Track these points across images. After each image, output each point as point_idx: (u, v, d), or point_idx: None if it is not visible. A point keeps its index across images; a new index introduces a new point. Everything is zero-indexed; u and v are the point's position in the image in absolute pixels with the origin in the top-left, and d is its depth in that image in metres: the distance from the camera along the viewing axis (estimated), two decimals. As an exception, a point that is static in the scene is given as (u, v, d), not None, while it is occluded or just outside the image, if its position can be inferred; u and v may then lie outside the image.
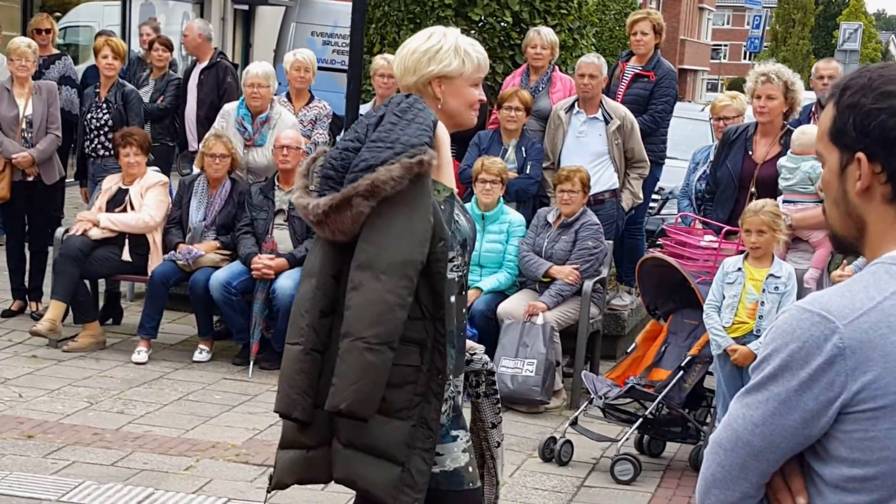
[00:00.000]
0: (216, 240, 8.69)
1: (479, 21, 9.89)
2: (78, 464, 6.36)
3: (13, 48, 9.40)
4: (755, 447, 2.16)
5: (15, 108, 9.33)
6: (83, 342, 8.59)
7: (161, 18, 16.92)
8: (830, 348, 2.07)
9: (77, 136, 9.83)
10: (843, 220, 2.24)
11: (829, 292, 2.14)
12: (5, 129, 9.30)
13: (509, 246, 8.40)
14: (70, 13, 18.50)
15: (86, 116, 9.62)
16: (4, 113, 9.31)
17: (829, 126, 2.22)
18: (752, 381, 2.17)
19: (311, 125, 9.40)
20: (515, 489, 6.50)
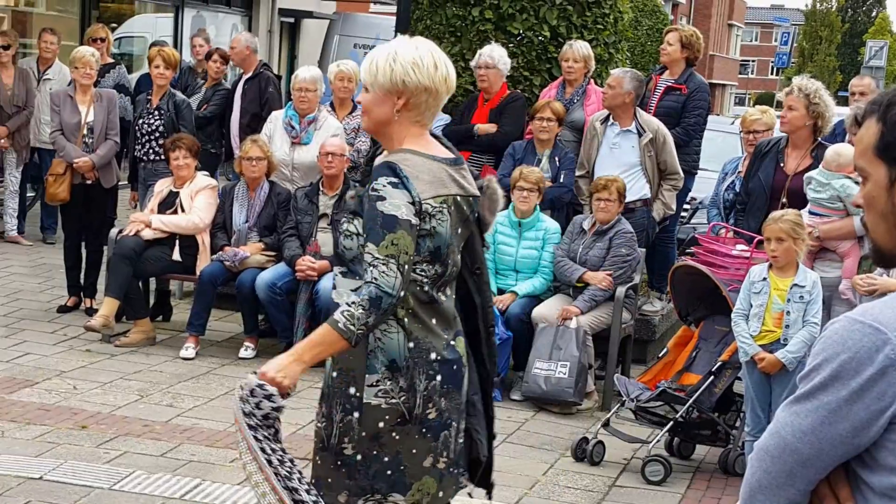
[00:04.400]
0: (260, 241, 8.72)
1: (518, 35, 9.88)
2: (129, 454, 6.38)
3: (77, 57, 9.47)
4: (803, 455, 2.13)
5: (77, 114, 9.41)
6: (134, 338, 8.63)
7: (211, 30, 16.97)
8: (882, 359, 2.04)
9: (129, 141, 9.88)
10: (891, 234, 2.20)
11: (880, 304, 2.11)
12: (68, 134, 9.39)
13: (545, 252, 8.38)
14: (125, 24, 18.59)
15: (137, 122, 9.69)
16: (67, 119, 9.39)
17: (874, 141, 2.18)
18: (801, 390, 2.14)
19: (353, 133, 9.43)
20: (548, 487, 6.47)
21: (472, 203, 3.70)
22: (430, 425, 3.60)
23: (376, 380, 3.54)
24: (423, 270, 3.55)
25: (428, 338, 3.58)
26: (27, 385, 7.50)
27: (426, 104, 3.60)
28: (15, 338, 8.61)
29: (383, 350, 3.54)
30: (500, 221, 8.42)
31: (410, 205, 3.43)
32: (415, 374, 3.55)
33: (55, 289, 10.11)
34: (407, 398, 3.55)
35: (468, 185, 3.67)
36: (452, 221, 3.58)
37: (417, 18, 10.02)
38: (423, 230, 3.49)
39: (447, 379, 3.62)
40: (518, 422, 7.63)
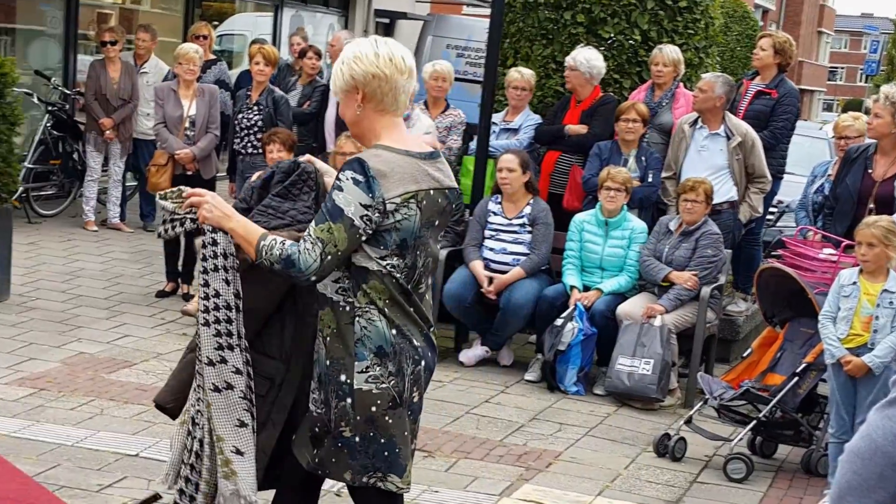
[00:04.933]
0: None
1: (609, 39, 9.83)
2: (221, 436, 6.43)
3: (182, 53, 9.61)
4: (894, 458, 2.09)
5: (180, 108, 9.55)
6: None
7: (308, 29, 17.11)
8: None
9: (228, 134, 10.00)
10: None
11: None
12: (170, 127, 9.53)
13: (630, 251, 8.33)
14: (226, 22, 18.80)
15: (237, 117, 9.79)
16: (171, 112, 9.54)
17: None
18: (893, 394, 2.10)
19: (445, 132, 9.48)
20: (630, 481, 6.43)
21: (450, 195, 3.77)
22: (413, 408, 3.74)
23: (366, 366, 3.62)
24: (395, 265, 3.63)
25: (408, 326, 3.67)
26: (126, 366, 7.61)
27: (381, 90, 3.67)
28: (115, 320, 8.75)
29: (370, 338, 3.62)
30: (586, 220, 8.41)
31: (361, 206, 3.52)
32: (402, 359, 3.65)
33: (154, 274, 10.28)
34: (396, 382, 3.64)
35: (443, 178, 3.75)
36: (423, 215, 3.64)
37: (510, 21, 10.02)
38: (387, 225, 3.57)
39: (429, 365, 3.75)
40: (600, 416, 7.60)
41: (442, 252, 8.46)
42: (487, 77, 9.08)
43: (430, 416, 7.19)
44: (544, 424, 7.30)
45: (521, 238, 8.46)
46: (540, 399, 7.85)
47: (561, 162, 9.28)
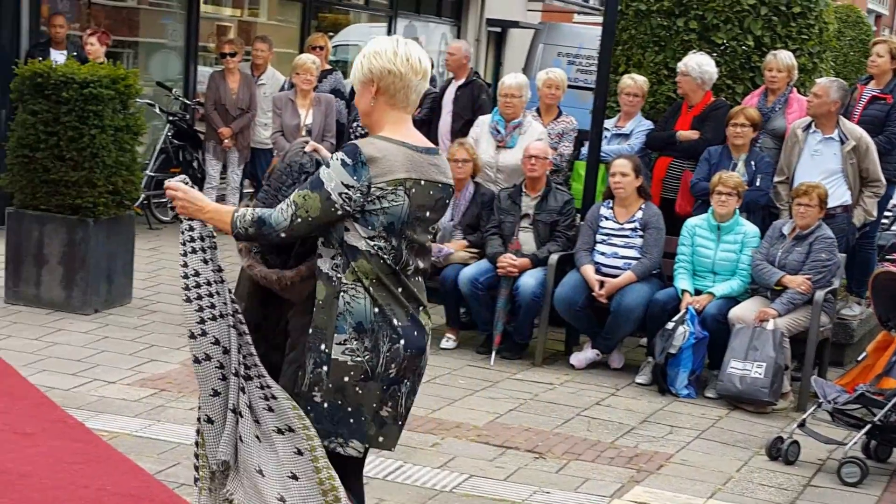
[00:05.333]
0: (464, 239, 8.81)
1: (722, 45, 9.74)
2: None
3: (300, 63, 9.75)
4: None
5: (297, 117, 9.69)
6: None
7: (422, 39, 17.21)
8: None
9: (343, 142, 10.09)
10: None
11: None
12: (287, 135, 9.67)
13: (743, 255, 8.23)
14: (341, 33, 18.99)
15: (352, 125, 9.91)
16: (288, 121, 9.67)
17: None
18: None
19: (557, 138, 9.47)
20: (742, 484, 6.34)
21: (443, 189, 3.96)
22: (388, 381, 3.89)
23: (344, 339, 3.83)
24: (381, 247, 3.83)
25: (392, 305, 3.86)
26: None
27: (395, 86, 3.88)
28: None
29: (351, 313, 3.82)
30: (698, 224, 8.34)
31: (345, 186, 3.75)
32: (379, 337, 3.84)
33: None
34: (371, 357, 3.84)
35: (437, 173, 3.94)
36: (411, 202, 3.84)
37: (622, 28, 9.98)
38: (375, 208, 3.80)
39: (409, 344, 3.89)
40: (712, 419, 7.51)
41: (553, 256, 8.46)
42: (599, 83, 9.07)
43: (540, 417, 7.19)
44: (655, 427, 7.24)
45: (632, 242, 8.40)
46: (651, 402, 7.79)
47: (673, 167, 9.22)
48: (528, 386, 7.93)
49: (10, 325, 8.22)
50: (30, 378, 7.04)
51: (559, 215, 8.65)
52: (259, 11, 17.68)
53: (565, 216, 8.66)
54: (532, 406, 7.46)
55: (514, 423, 7.04)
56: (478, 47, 21.54)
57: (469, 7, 21.81)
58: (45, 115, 8.62)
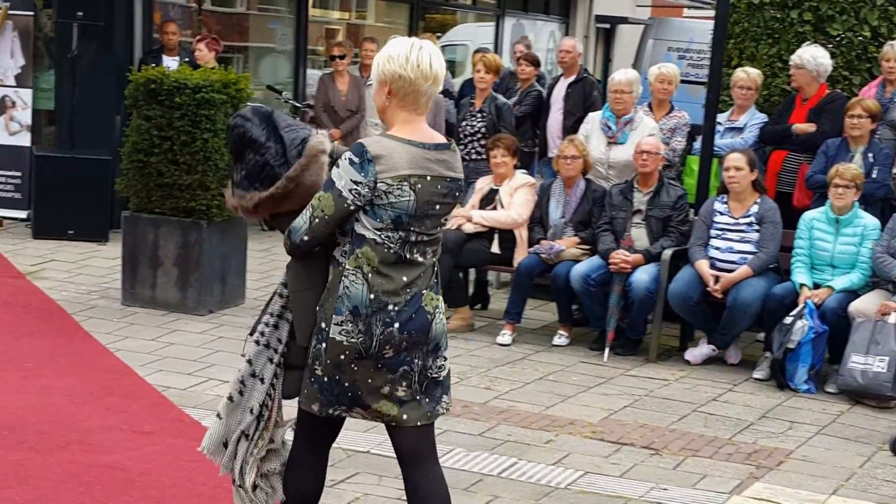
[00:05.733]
0: (576, 235, 8.78)
1: (837, 36, 9.56)
2: (449, 432, 6.50)
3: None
4: None
5: (405, 116, 9.69)
6: (454, 324, 8.80)
7: (530, 37, 17.18)
8: None
9: (453, 141, 10.11)
10: None
11: None
12: (398, 136, 9.68)
13: (863, 248, 8.06)
14: (448, 33, 19.05)
15: (461, 124, 9.93)
16: (396, 122, 9.69)
17: None
18: None
19: (670, 133, 9.39)
20: (865, 480, 6.20)
21: (451, 183, 4.10)
22: (385, 362, 4.09)
23: (341, 320, 4.06)
24: (388, 237, 4.03)
25: (387, 293, 4.05)
26: (356, 365, 7.76)
27: (404, 90, 4.03)
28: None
29: (349, 297, 4.06)
30: (816, 217, 8.19)
31: (353, 182, 3.98)
32: (372, 321, 4.05)
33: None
34: (364, 339, 4.06)
35: (445, 169, 4.08)
36: (418, 197, 4.01)
37: (735, 21, 9.85)
38: (381, 202, 4.00)
39: (405, 327, 4.07)
40: (833, 414, 7.36)
41: (666, 252, 8.38)
42: (712, 77, 8.97)
43: (656, 413, 7.12)
44: (774, 423, 7.12)
45: (747, 237, 8.28)
46: (769, 397, 7.66)
47: (789, 161, 9.07)
48: (643, 382, 7.86)
49: (128, 327, 8.39)
50: (147, 378, 7.18)
51: (672, 210, 8.56)
52: (366, 13, 17.82)
53: (678, 211, 8.57)
54: (647, 402, 7.39)
55: (628, 420, 6.99)
56: (586, 44, 21.42)
57: (577, 4, 21.73)
58: (159, 121, 8.79)
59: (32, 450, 5.79)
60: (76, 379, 7.06)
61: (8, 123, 12.35)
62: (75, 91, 11.65)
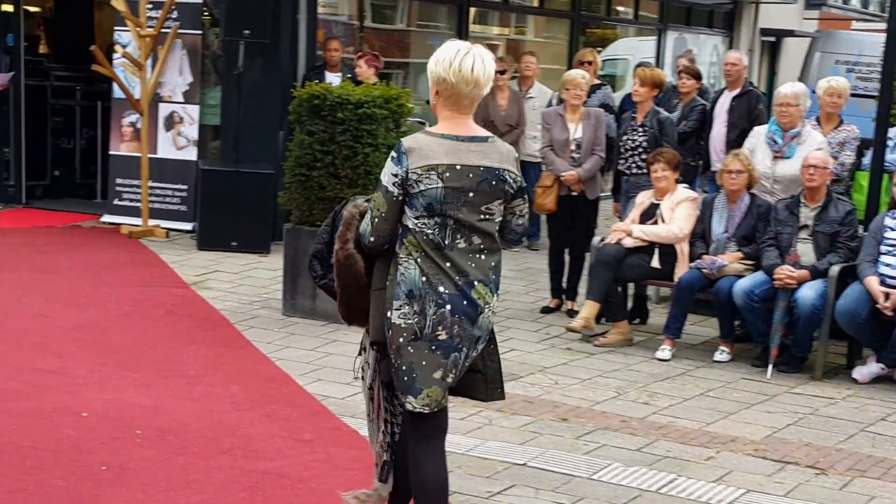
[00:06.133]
0: (738, 250, 8.63)
1: None
2: (606, 447, 6.46)
3: (569, 79, 9.79)
4: None
5: (566, 131, 9.71)
6: (613, 338, 8.77)
7: (693, 50, 17.01)
8: None
9: (613, 155, 10.09)
10: None
11: None
12: (557, 149, 9.69)
13: None
14: (609, 47, 18.98)
15: (622, 138, 9.86)
16: (557, 136, 9.71)
17: None
18: None
19: (838, 147, 9.20)
20: None
21: (486, 172, 4.40)
22: (439, 344, 4.41)
23: (399, 304, 4.41)
24: (425, 223, 4.40)
25: (438, 276, 4.39)
26: (512, 378, 7.75)
27: (447, 92, 4.41)
28: (502, 335, 8.81)
29: (404, 282, 4.40)
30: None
31: (393, 175, 4.37)
32: (426, 302, 4.38)
33: (538, 291, 10.49)
34: (419, 320, 4.39)
35: (479, 159, 4.39)
36: (446, 185, 4.35)
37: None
38: (415, 191, 4.36)
39: (456, 310, 4.39)
40: None
41: (834, 268, 8.18)
42: (883, 90, 8.76)
43: (821, 432, 6.95)
44: (947, 445, 6.88)
45: (919, 254, 8.04)
46: (942, 419, 7.42)
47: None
48: (808, 400, 7.67)
49: (288, 337, 8.55)
50: (306, 387, 7.29)
51: (840, 226, 8.35)
52: (526, 29, 17.86)
53: (847, 227, 8.36)
54: (812, 421, 7.21)
55: (792, 438, 6.82)
56: (751, 57, 21.12)
57: (742, 17, 21.43)
58: (322, 135, 8.94)
59: (196, 455, 5.94)
60: (238, 387, 7.22)
61: (175, 138, 12.74)
62: (240, 107, 11.95)
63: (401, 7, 15.46)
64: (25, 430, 6.17)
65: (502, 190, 4.45)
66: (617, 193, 10.09)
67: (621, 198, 9.93)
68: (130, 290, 9.70)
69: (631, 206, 9.27)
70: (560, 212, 9.74)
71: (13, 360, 7.51)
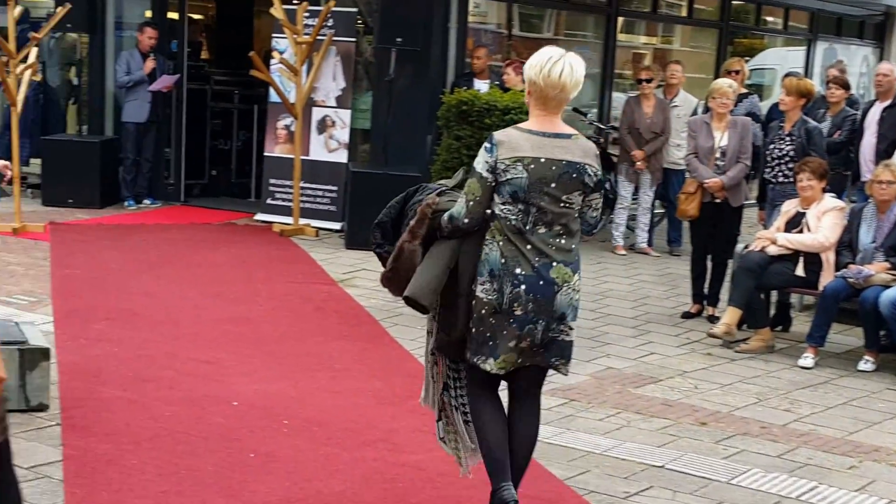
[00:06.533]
0: (886, 261, 8.40)
1: None
2: (746, 452, 6.34)
3: (716, 88, 9.67)
4: None
5: (711, 139, 9.58)
6: (754, 345, 8.62)
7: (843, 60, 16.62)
8: None
9: (759, 164, 9.93)
10: None
11: None
12: (701, 157, 9.57)
13: None
14: (757, 57, 18.67)
15: (769, 147, 9.71)
16: (702, 143, 9.59)
17: None
18: None
19: None
20: None
21: (567, 165, 4.74)
22: (515, 318, 4.78)
23: (483, 281, 4.82)
24: (509, 210, 4.76)
25: (517, 258, 4.76)
26: (651, 381, 7.69)
27: (536, 93, 4.81)
28: (642, 338, 8.90)
29: (488, 262, 4.81)
30: None
31: (486, 162, 4.77)
32: (504, 282, 4.77)
33: (679, 296, 10.38)
34: (497, 297, 4.78)
35: (561, 154, 4.74)
36: (530, 175, 4.72)
37: None
38: (503, 179, 4.74)
39: (531, 289, 4.76)
40: None
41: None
42: None
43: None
44: None
45: None
46: None
47: None
48: (956, 413, 7.43)
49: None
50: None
51: None
52: (673, 38, 17.66)
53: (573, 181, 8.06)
54: (960, 434, 6.98)
55: (940, 452, 6.61)
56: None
57: (894, 29, 20.86)
58: (469, 140, 9.00)
59: (340, 446, 6.00)
60: (382, 382, 7.27)
61: (327, 141, 12.92)
62: (390, 112, 12.06)
63: (548, 16, 15.42)
64: (178, 417, 6.32)
65: (582, 182, 4.78)
66: (762, 201, 9.94)
67: (766, 206, 9.76)
68: (280, 286, 9.86)
69: (776, 214, 9.12)
70: (703, 218, 9.61)
71: (169, 349, 7.70)
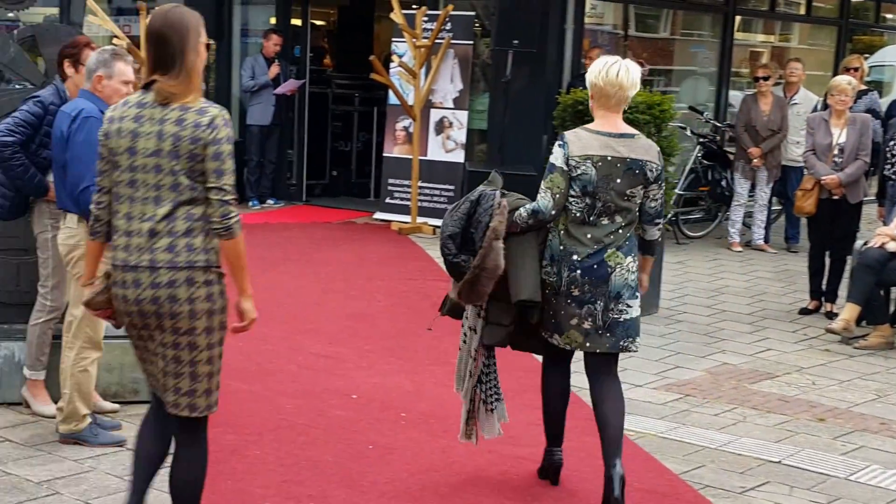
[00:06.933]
0: None
1: None
2: (865, 448, 6.20)
3: (835, 85, 9.50)
4: None
5: (829, 136, 9.41)
6: (874, 341, 8.42)
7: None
8: None
9: (878, 160, 9.70)
10: None
11: None
12: (819, 154, 9.39)
13: None
14: (877, 53, 18.29)
15: (888, 143, 9.51)
16: (820, 140, 9.42)
17: None
18: None
19: None
20: None
21: (632, 163, 5.12)
22: (574, 298, 5.16)
23: (545, 264, 5.25)
24: (577, 202, 5.13)
25: (574, 245, 5.16)
26: (768, 377, 7.55)
27: (598, 94, 5.20)
28: (758, 334, 8.76)
29: (550, 248, 5.25)
30: None
31: (562, 158, 5.12)
32: (562, 266, 5.18)
33: (797, 293, 10.21)
34: (556, 280, 5.19)
35: (627, 151, 5.12)
36: (598, 172, 5.10)
37: None
38: (574, 175, 5.11)
39: (586, 272, 5.13)
40: None
41: None
42: None
43: None
44: None
45: None
46: None
47: None
48: None
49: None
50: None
51: None
52: (791, 36, 17.35)
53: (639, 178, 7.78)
54: None
55: None
56: None
57: None
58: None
59: (456, 438, 5.97)
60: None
61: (445, 142, 12.96)
62: (506, 112, 12.04)
63: (665, 16, 15.26)
64: (299, 409, 6.39)
65: (644, 177, 5.16)
66: (882, 198, 9.73)
67: (886, 203, 9.53)
68: (398, 283, 9.91)
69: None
70: (820, 215, 9.41)
71: (291, 343, 7.78)
